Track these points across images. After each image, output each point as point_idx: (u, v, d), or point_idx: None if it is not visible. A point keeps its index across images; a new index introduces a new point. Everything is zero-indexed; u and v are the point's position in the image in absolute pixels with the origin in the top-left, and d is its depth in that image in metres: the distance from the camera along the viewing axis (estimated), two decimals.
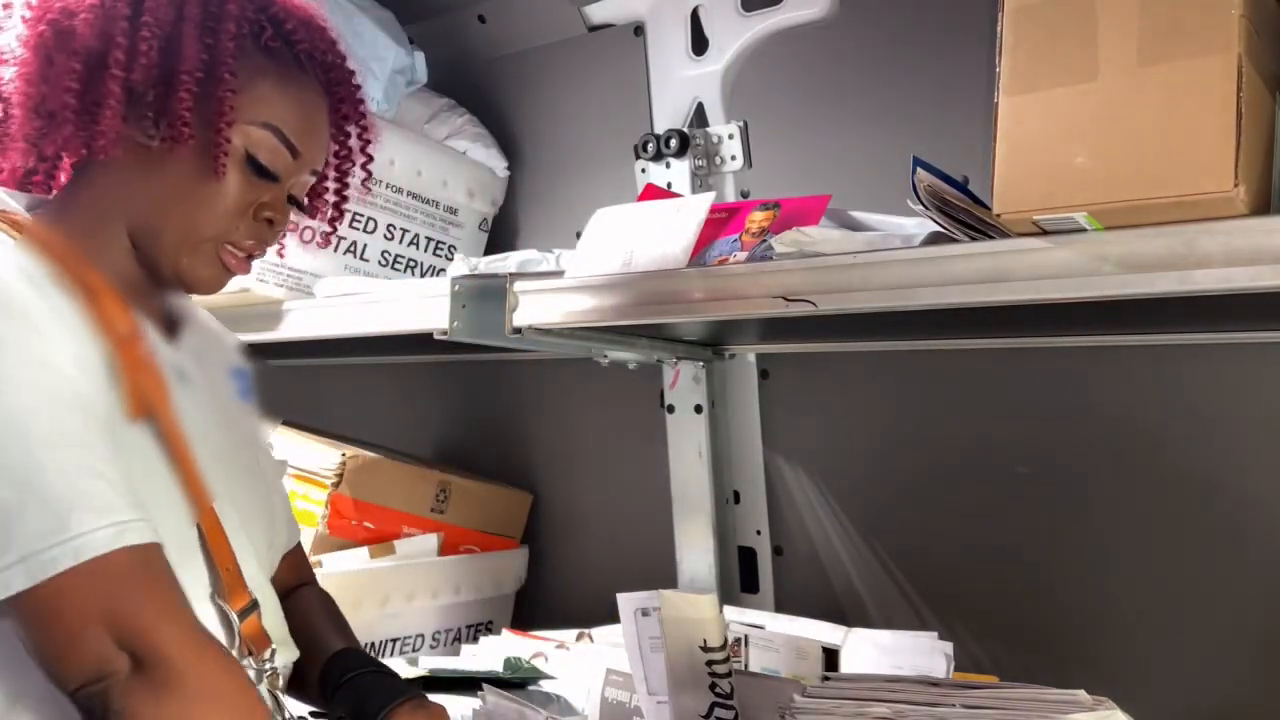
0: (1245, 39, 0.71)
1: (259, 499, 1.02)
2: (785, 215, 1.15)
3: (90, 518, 0.76)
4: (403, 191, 1.63)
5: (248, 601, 0.93)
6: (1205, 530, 1.26)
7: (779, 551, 1.59)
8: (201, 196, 0.90)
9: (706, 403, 1.58)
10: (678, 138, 1.51)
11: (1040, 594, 1.36)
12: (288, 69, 0.94)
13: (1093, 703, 0.87)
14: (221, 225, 0.92)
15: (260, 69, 0.92)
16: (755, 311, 1.00)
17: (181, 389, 0.93)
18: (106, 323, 0.85)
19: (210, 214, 0.91)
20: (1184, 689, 1.27)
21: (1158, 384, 1.28)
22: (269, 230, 0.96)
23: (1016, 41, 0.80)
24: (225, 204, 0.91)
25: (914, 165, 0.90)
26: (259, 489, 1.02)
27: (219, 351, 1.08)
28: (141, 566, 0.79)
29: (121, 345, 0.85)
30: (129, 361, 0.85)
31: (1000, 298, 0.85)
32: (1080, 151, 0.77)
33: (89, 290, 0.85)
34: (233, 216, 0.92)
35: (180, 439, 0.88)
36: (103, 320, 0.85)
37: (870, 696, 0.91)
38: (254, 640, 0.93)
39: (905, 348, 1.44)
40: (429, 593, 1.69)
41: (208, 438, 0.93)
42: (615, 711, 1.28)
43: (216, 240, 0.92)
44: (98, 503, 0.77)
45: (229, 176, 0.90)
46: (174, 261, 0.92)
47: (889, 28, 1.44)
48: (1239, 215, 0.73)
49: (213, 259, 0.93)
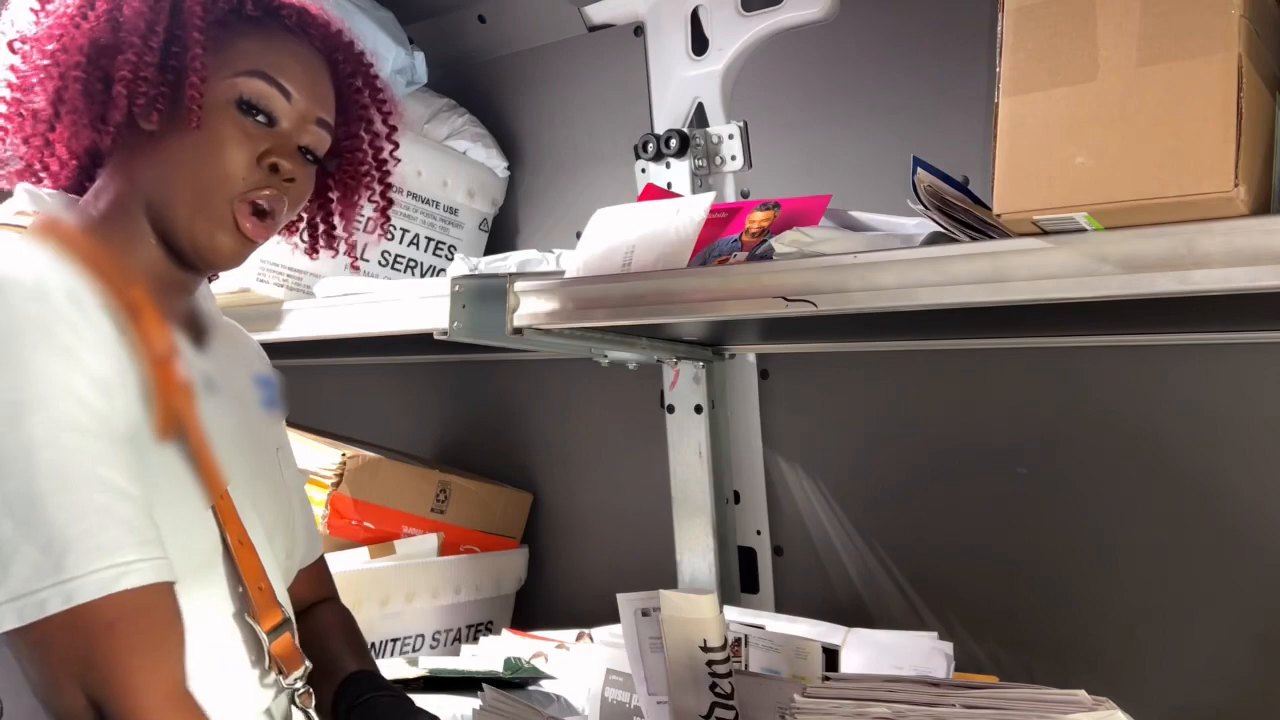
0: (1245, 39, 0.71)
1: (280, 509, 1.01)
2: (785, 215, 1.15)
3: (86, 559, 0.74)
4: (403, 191, 1.63)
5: (280, 619, 0.92)
6: (1205, 530, 1.26)
7: (779, 551, 1.59)
8: (201, 156, 0.89)
9: (706, 403, 1.58)
10: (678, 138, 1.51)
11: (1040, 594, 1.36)
12: (272, 30, 0.93)
13: (1093, 703, 0.87)
14: (226, 177, 0.89)
15: (243, 32, 0.92)
16: (755, 311, 1.00)
17: (209, 399, 0.92)
18: (146, 341, 0.83)
19: (212, 167, 0.89)
20: (1184, 689, 1.27)
21: (1158, 384, 1.28)
22: (279, 179, 0.92)
23: (1016, 41, 0.80)
24: (224, 153, 0.89)
25: (914, 165, 0.90)
26: (280, 498, 1.02)
27: (244, 358, 1.08)
28: (134, 615, 0.76)
29: (157, 366, 0.84)
30: (164, 383, 0.84)
31: (1000, 298, 0.85)
32: (1080, 151, 0.77)
33: (131, 308, 0.84)
34: (236, 165, 0.89)
35: (211, 460, 0.87)
36: (142, 339, 0.83)
37: (870, 696, 0.91)
38: (286, 659, 0.93)
39: (905, 348, 1.44)
40: (429, 593, 1.69)
41: (233, 449, 0.92)
42: (615, 711, 1.28)
43: (226, 196, 0.89)
44: (99, 542, 0.74)
45: (223, 127, 0.89)
46: (190, 232, 0.90)
47: (889, 28, 1.44)
48: (1239, 215, 0.73)
49: (227, 221, 0.90)
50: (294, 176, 0.93)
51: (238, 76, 0.90)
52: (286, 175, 0.92)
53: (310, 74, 0.95)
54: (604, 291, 1.12)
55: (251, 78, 0.90)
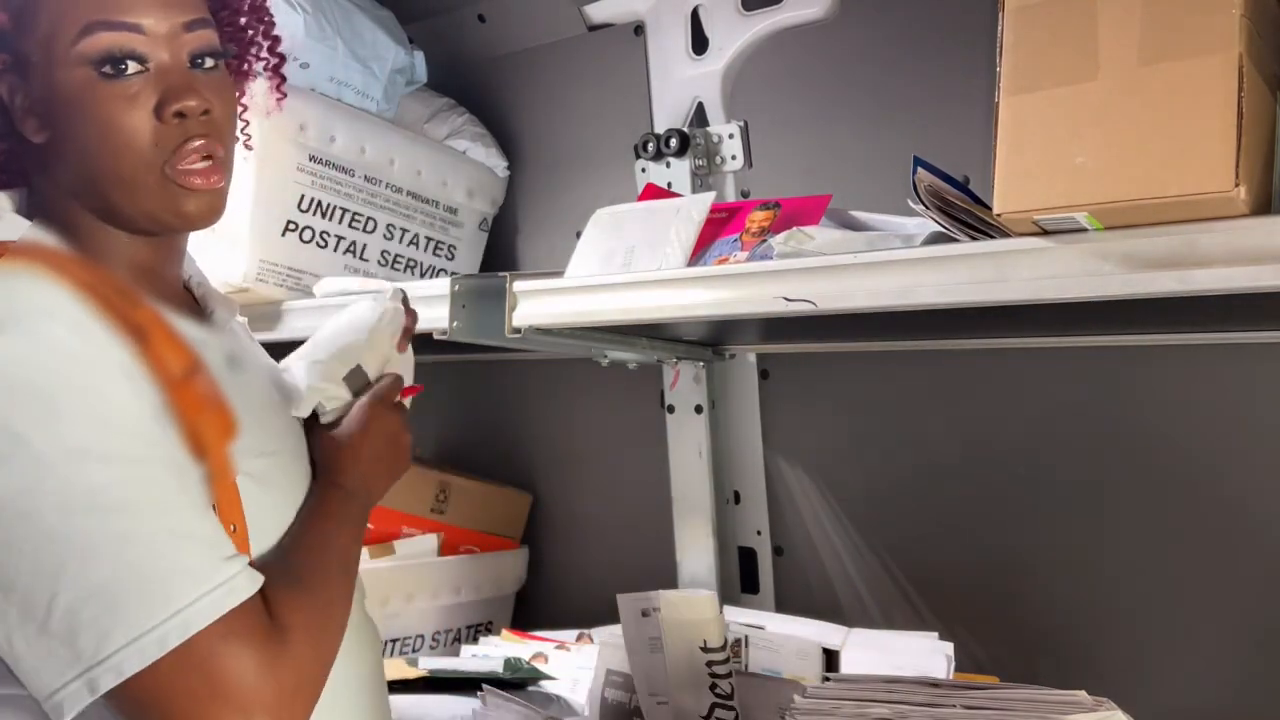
0: (1245, 39, 0.71)
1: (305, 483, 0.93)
2: (785, 215, 1.15)
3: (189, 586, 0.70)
4: (402, 191, 1.63)
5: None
6: (1205, 530, 1.26)
7: (779, 551, 1.59)
8: (104, 146, 0.80)
9: (706, 403, 1.58)
10: (678, 137, 1.51)
11: (1040, 594, 1.36)
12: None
13: (1093, 703, 0.87)
14: (142, 152, 0.80)
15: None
16: (755, 311, 1.00)
17: (237, 375, 0.86)
18: (159, 364, 0.77)
19: (123, 152, 0.80)
20: (1184, 689, 1.27)
21: (1158, 384, 1.28)
22: (194, 121, 0.81)
23: (1016, 41, 0.80)
24: (122, 133, 0.79)
25: (914, 165, 0.90)
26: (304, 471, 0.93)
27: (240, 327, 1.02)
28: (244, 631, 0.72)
29: (176, 388, 0.77)
30: (186, 404, 0.77)
31: (1000, 298, 0.85)
32: (1080, 151, 0.77)
33: (137, 331, 0.77)
34: (142, 136, 0.80)
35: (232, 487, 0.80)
36: (155, 363, 0.77)
37: (870, 697, 0.91)
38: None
39: (905, 348, 1.44)
40: (429, 593, 1.69)
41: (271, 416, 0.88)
42: (615, 711, 1.28)
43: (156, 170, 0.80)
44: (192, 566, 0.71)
45: (101, 104, 0.79)
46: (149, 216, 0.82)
47: (889, 28, 1.44)
48: (1239, 215, 0.73)
49: (175, 190, 0.81)
50: (207, 106, 0.82)
51: (77, 40, 0.78)
52: (199, 112, 0.81)
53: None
54: (604, 291, 1.12)
55: (91, 33, 0.78)
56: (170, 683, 0.69)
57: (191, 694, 0.69)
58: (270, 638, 0.73)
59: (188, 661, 0.69)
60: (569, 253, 1.26)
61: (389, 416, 0.94)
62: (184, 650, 0.68)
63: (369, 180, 1.58)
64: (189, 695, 0.69)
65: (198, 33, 0.83)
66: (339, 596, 0.83)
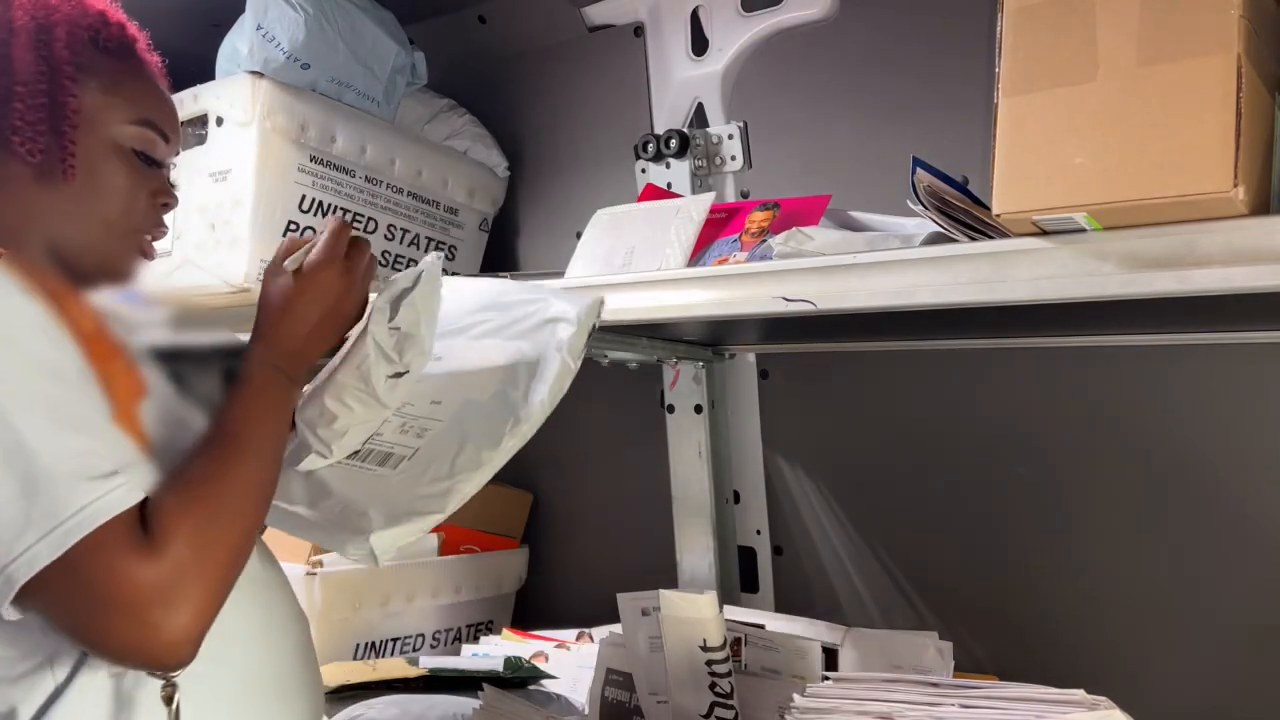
0: (1245, 39, 0.71)
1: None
2: (785, 215, 1.15)
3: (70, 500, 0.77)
4: (403, 192, 1.63)
5: None
6: (1206, 530, 1.26)
7: (779, 551, 1.59)
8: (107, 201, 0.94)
9: (706, 403, 1.58)
10: (678, 138, 1.51)
11: (1040, 594, 1.36)
12: (136, 65, 0.98)
13: (1092, 703, 0.87)
14: (131, 218, 0.95)
15: (113, 70, 0.95)
16: (755, 311, 1.00)
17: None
18: (74, 323, 0.86)
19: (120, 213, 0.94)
20: (1184, 689, 1.27)
21: (1158, 384, 1.29)
22: (164, 214, 1.00)
23: (1016, 41, 0.80)
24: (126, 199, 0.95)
25: (914, 165, 0.90)
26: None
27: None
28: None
29: (88, 340, 0.86)
30: (98, 354, 0.86)
31: (1000, 298, 0.85)
32: (1080, 151, 0.77)
33: (52, 294, 0.86)
34: (137, 207, 0.96)
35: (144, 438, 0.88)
36: (70, 321, 0.85)
37: (870, 696, 0.91)
38: None
39: (905, 348, 1.45)
40: (429, 592, 1.69)
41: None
42: (615, 710, 1.28)
43: (132, 235, 0.96)
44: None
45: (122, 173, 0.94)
46: (101, 265, 0.95)
47: (889, 28, 1.44)
48: (1239, 215, 0.73)
49: (134, 254, 0.97)
50: (172, 205, 1.01)
51: (129, 125, 0.95)
52: (169, 208, 1.00)
53: (174, 110, 1.01)
54: (604, 292, 1.12)
55: (143, 128, 0.95)
56: (62, 585, 0.77)
57: (79, 597, 0.78)
58: (142, 546, 0.79)
59: (70, 568, 0.76)
60: (569, 253, 1.26)
61: (323, 273, 0.95)
62: (62, 561, 0.76)
63: (370, 181, 1.58)
64: (78, 598, 0.78)
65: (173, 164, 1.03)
66: (239, 486, 0.87)
